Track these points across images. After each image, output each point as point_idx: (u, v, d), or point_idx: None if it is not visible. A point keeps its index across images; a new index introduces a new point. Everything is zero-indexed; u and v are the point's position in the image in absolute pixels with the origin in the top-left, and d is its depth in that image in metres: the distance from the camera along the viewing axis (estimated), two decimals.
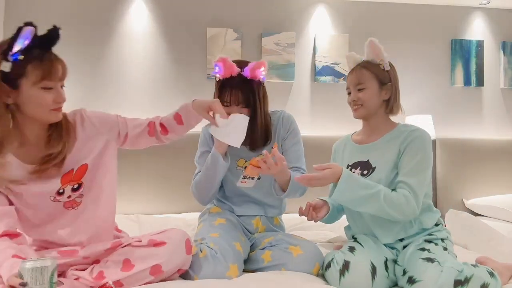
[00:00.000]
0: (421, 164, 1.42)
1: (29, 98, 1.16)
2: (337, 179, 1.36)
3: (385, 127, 1.56)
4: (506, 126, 3.50)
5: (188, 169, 1.80)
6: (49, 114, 1.20)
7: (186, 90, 3.12)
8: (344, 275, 1.30)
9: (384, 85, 1.52)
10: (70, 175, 1.30)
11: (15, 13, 2.97)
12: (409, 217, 1.39)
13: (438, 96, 3.41)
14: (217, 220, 1.60)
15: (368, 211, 1.40)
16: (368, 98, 1.51)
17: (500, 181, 3.22)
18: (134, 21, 3.09)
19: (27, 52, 1.14)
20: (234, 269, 1.36)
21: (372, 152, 1.53)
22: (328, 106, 3.25)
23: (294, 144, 1.68)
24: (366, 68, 1.54)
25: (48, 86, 1.17)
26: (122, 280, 1.21)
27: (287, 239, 1.53)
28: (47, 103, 1.18)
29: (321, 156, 2.83)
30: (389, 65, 1.55)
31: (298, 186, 1.52)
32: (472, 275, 1.19)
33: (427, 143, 1.46)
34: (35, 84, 1.15)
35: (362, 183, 1.38)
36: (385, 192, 1.37)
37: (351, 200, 1.38)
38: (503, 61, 3.47)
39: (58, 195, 1.29)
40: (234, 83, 1.54)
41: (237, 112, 1.52)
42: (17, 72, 1.14)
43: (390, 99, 1.53)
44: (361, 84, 1.52)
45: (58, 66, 1.18)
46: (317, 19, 3.30)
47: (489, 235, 1.94)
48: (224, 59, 1.54)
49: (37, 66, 1.14)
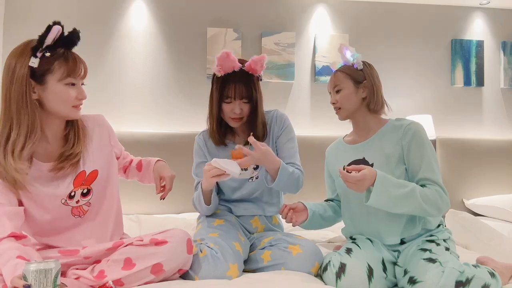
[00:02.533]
0: (432, 156, 1.45)
1: (54, 93, 1.22)
2: (373, 183, 1.33)
3: (375, 124, 1.57)
4: (506, 126, 3.50)
5: (188, 169, 1.79)
6: (70, 110, 1.26)
7: (186, 90, 3.12)
8: (340, 278, 1.30)
9: (360, 84, 1.55)
10: (82, 177, 1.33)
11: (15, 13, 2.97)
12: (443, 211, 1.40)
13: (438, 96, 3.41)
14: (216, 220, 1.59)
15: (405, 211, 1.38)
16: (345, 98, 1.55)
17: (500, 181, 3.22)
18: (134, 21, 3.09)
19: (53, 50, 1.21)
20: (234, 269, 1.36)
21: (366, 150, 1.54)
22: (328, 106, 3.19)
23: (288, 140, 1.68)
24: (340, 71, 1.59)
25: (72, 82, 1.24)
26: (123, 279, 1.20)
27: (286, 238, 1.52)
28: (70, 98, 1.24)
29: (321, 156, 2.83)
30: (363, 64, 1.58)
31: (288, 174, 1.52)
32: (473, 275, 1.18)
33: (426, 134, 1.49)
34: (60, 80, 1.22)
35: (395, 182, 1.36)
36: (420, 189, 1.37)
37: (388, 201, 1.34)
38: (503, 61, 3.48)
39: (69, 198, 1.31)
40: (237, 78, 1.55)
41: (238, 107, 1.55)
42: (44, 68, 1.20)
43: (368, 96, 1.55)
44: (337, 86, 1.57)
45: (81, 65, 1.26)
46: (317, 19, 3.30)
47: (489, 235, 1.94)
48: (228, 52, 1.54)
49: (63, 63, 1.21)
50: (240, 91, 1.54)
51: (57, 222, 1.32)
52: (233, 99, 1.55)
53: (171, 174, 1.50)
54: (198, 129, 1.84)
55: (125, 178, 1.62)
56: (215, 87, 1.59)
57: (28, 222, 1.29)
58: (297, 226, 1.57)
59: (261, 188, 1.68)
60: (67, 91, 1.23)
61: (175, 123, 3.10)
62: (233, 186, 1.67)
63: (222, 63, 1.54)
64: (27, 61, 1.18)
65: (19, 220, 1.22)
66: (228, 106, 1.57)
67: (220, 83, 1.57)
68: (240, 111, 1.56)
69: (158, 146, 2.82)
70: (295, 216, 1.51)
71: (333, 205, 1.69)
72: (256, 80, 1.61)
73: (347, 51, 1.60)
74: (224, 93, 1.55)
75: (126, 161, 1.58)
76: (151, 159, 1.59)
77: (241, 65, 1.57)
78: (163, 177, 1.49)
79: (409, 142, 1.45)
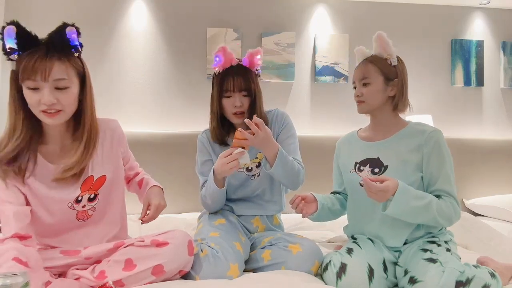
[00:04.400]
0: (450, 168, 1.42)
1: (26, 97, 1.17)
2: (394, 193, 1.30)
3: (394, 124, 1.52)
4: (506, 126, 3.50)
5: (188, 169, 1.80)
6: (40, 115, 1.19)
7: (186, 90, 3.12)
8: (341, 278, 1.30)
9: (390, 81, 1.48)
10: (90, 182, 1.32)
11: (15, 13, 2.97)
12: (453, 223, 1.40)
13: (438, 96, 3.41)
14: (217, 220, 1.60)
15: (419, 221, 1.38)
16: (371, 94, 1.47)
17: (500, 181, 3.22)
18: (134, 21, 3.09)
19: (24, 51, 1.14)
20: (235, 269, 1.36)
21: (382, 150, 1.49)
22: (328, 106, 3.26)
23: (288, 137, 1.69)
24: (372, 63, 1.50)
25: (32, 87, 1.14)
26: (124, 280, 1.20)
27: (286, 237, 1.53)
28: (31, 103, 1.16)
29: (321, 156, 2.84)
30: (397, 60, 1.50)
31: (287, 161, 1.53)
32: (474, 276, 1.18)
33: (446, 144, 1.44)
34: (22, 83, 1.15)
35: (414, 193, 1.33)
36: (436, 202, 1.35)
37: (405, 212, 1.33)
38: (503, 61, 3.48)
39: (76, 202, 1.31)
40: (235, 71, 1.60)
41: (239, 100, 1.58)
42: (17, 70, 1.16)
43: (396, 95, 1.49)
44: (365, 79, 1.49)
45: (41, 66, 1.12)
46: (317, 19, 3.30)
47: (489, 235, 1.94)
48: (224, 47, 1.61)
49: (24, 65, 1.13)
50: (239, 83, 1.58)
51: (61, 225, 1.32)
52: (233, 92, 1.59)
53: (160, 203, 1.45)
54: (198, 129, 1.84)
55: (126, 189, 1.59)
56: (215, 84, 1.64)
57: (32, 222, 1.29)
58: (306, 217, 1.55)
59: (263, 186, 1.69)
60: (29, 95, 1.15)
61: (175, 123, 3.10)
62: (235, 185, 1.67)
63: (220, 57, 1.60)
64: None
65: (26, 220, 1.22)
66: (228, 101, 1.60)
67: (220, 78, 1.62)
68: (241, 104, 1.59)
69: (158, 146, 2.82)
70: (305, 207, 1.48)
71: (341, 199, 1.67)
72: (255, 76, 1.64)
73: (384, 43, 1.50)
74: (223, 87, 1.60)
75: (131, 173, 1.58)
76: (150, 182, 1.58)
77: (238, 60, 1.64)
78: (150, 204, 1.46)
79: (430, 151, 1.42)
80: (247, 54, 1.64)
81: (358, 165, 1.53)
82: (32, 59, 1.12)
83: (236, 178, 1.66)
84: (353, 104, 1.57)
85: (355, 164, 1.54)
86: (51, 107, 1.16)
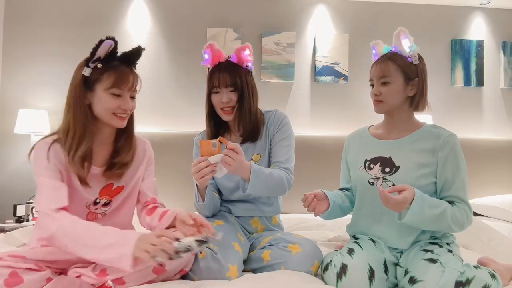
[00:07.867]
0: (465, 174, 1.40)
1: (99, 100, 1.32)
2: (411, 202, 1.27)
3: (409, 125, 1.48)
4: (506, 126, 3.50)
5: (188, 169, 1.79)
6: (111, 117, 1.34)
7: (186, 90, 3.12)
8: (341, 279, 1.29)
9: (411, 81, 1.42)
10: (109, 188, 1.39)
11: (15, 13, 2.97)
12: (465, 229, 1.39)
13: (438, 96, 3.41)
14: (215, 221, 1.59)
15: (433, 228, 1.37)
16: (391, 93, 1.42)
17: (500, 181, 3.22)
18: (134, 21, 3.09)
19: (107, 62, 1.33)
20: (234, 270, 1.35)
21: (395, 150, 1.45)
22: (328, 106, 3.25)
23: (282, 139, 1.65)
24: (392, 60, 1.43)
25: (117, 93, 1.33)
26: (125, 277, 1.21)
27: (286, 237, 1.52)
28: (111, 107, 1.32)
29: (321, 156, 2.84)
30: (418, 58, 1.44)
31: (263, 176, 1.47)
32: (474, 276, 1.18)
33: (460, 149, 1.41)
34: (106, 89, 1.31)
35: (430, 202, 1.30)
36: (451, 209, 1.33)
37: (420, 220, 1.30)
38: (503, 61, 3.48)
39: (93, 204, 1.37)
40: (222, 67, 1.62)
41: (226, 96, 1.59)
42: (95, 77, 1.32)
43: (416, 95, 1.43)
44: (385, 78, 1.42)
45: (129, 78, 1.35)
46: (317, 19, 3.30)
47: (489, 235, 1.94)
48: (212, 44, 1.64)
49: (111, 75, 1.32)
50: (224, 79, 1.59)
51: None
52: (219, 87, 1.60)
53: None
54: (198, 129, 1.84)
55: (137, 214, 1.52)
56: (206, 81, 1.67)
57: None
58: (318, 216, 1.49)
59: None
60: (110, 100, 1.32)
61: (175, 123, 3.10)
62: (231, 187, 1.67)
63: (208, 54, 1.63)
64: (82, 70, 1.32)
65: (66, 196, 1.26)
66: (216, 97, 1.62)
67: (210, 75, 1.65)
68: (228, 100, 1.59)
69: (158, 146, 2.78)
70: (317, 206, 1.44)
71: (349, 195, 1.62)
72: (245, 71, 1.63)
73: (405, 39, 1.42)
74: (212, 83, 1.62)
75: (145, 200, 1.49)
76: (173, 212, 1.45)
77: (227, 57, 1.65)
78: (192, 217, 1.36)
79: (446, 156, 1.38)
80: (234, 50, 1.65)
81: (368, 163, 1.49)
82: (120, 70, 1.33)
83: (232, 180, 1.65)
84: (353, 104, 1.57)
85: (365, 161, 1.50)
86: (126, 112, 1.37)
